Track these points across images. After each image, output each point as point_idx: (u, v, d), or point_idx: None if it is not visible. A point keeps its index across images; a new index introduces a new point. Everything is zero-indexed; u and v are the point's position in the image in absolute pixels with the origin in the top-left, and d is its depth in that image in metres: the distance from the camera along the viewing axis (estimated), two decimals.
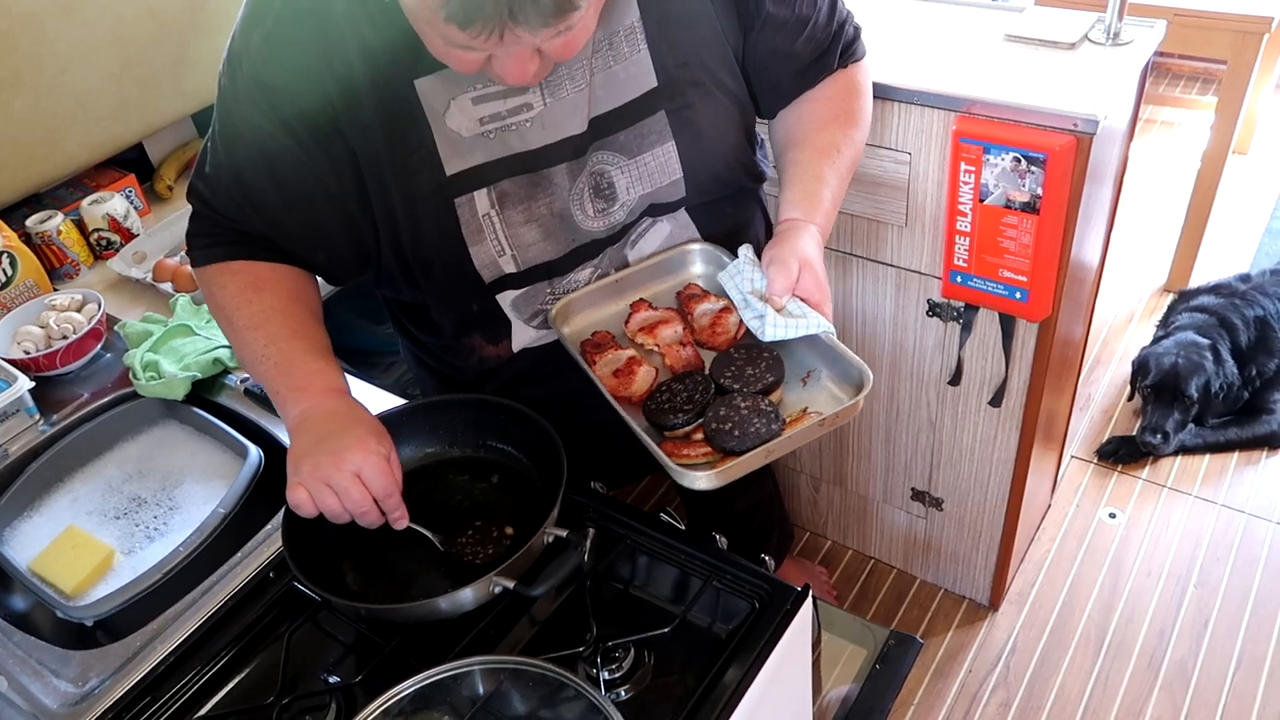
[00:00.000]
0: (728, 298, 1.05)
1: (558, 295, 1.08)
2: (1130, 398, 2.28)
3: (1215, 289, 2.32)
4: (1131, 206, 2.93)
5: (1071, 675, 1.77)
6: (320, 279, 1.07)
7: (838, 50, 1.11)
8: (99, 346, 1.34)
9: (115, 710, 0.88)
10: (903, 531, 1.90)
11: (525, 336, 1.10)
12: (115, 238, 1.59)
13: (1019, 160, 1.29)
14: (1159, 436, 2.11)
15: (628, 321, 1.06)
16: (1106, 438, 2.22)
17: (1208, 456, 2.18)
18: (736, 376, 0.97)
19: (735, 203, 1.13)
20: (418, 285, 1.06)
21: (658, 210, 1.07)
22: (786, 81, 1.10)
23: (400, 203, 0.98)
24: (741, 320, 1.02)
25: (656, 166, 1.03)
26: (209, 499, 1.12)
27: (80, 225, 1.58)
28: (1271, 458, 2.16)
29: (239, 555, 1.01)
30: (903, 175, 1.43)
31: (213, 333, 1.30)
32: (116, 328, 1.34)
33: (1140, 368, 2.20)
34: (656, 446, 0.91)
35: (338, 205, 0.98)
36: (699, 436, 0.94)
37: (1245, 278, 2.32)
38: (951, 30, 1.49)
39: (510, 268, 1.03)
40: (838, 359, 0.97)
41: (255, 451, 1.12)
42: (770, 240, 1.03)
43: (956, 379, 1.59)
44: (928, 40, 1.47)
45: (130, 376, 1.24)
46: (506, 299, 1.07)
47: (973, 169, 1.33)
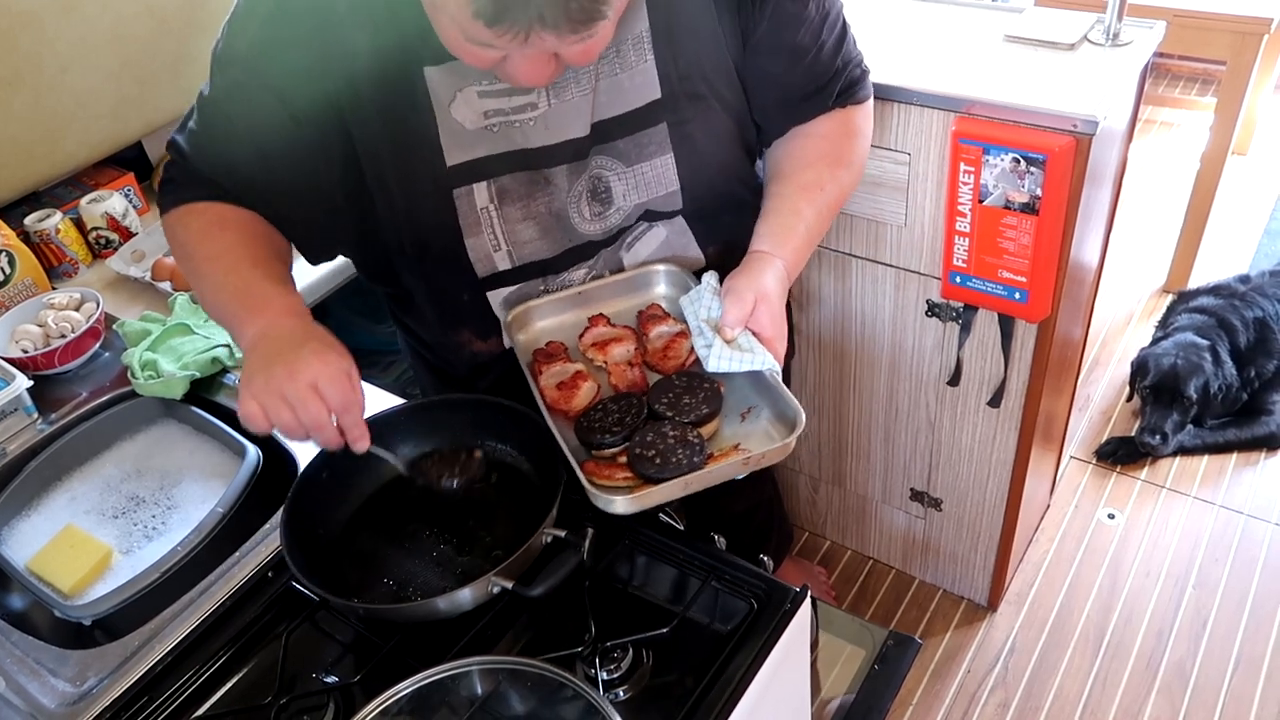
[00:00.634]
0: (686, 323, 1.05)
1: (552, 291, 1.07)
2: (1129, 398, 2.29)
3: (1214, 290, 2.32)
4: (1131, 207, 2.94)
5: (1070, 676, 1.77)
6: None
7: (836, 88, 1.09)
8: (97, 345, 1.33)
9: (113, 710, 0.88)
10: (901, 532, 1.90)
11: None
12: (114, 236, 1.59)
13: (1018, 161, 1.29)
14: (1158, 437, 2.11)
15: (582, 335, 1.06)
16: (1105, 438, 2.23)
17: (1206, 457, 2.18)
18: (672, 404, 0.96)
19: (734, 213, 1.13)
20: (409, 273, 1.05)
21: (654, 216, 1.07)
22: (773, 110, 1.09)
23: (398, 189, 0.98)
24: (694, 348, 1.02)
25: (654, 176, 1.03)
26: (207, 498, 1.12)
27: (79, 224, 1.58)
28: (1270, 459, 2.16)
29: (237, 555, 1.01)
30: (902, 175, 1.43)
31: (211, 331, 1.30)
32: (115, 326, 1.34)
33: (1139, 368, 2.20)
34: (577, 465, 0.91)
35: (321, 185, 0.98)
36: (625, 459, 0.94)
37: (1244, 279, 2.32)
38: (951, 31, 1.49)
39: (504, 264, 1.03)
40: (778, 399, 0.96)
41: (253, 451, 1.12)
42: (734, 270, 1.02)
43: (955, 379, 1.59)
44: (927, 41, 1.47)
45: (128, 375, 1.24)
46: (497, 297, 1.07)
47: (972, 169, 1.33)
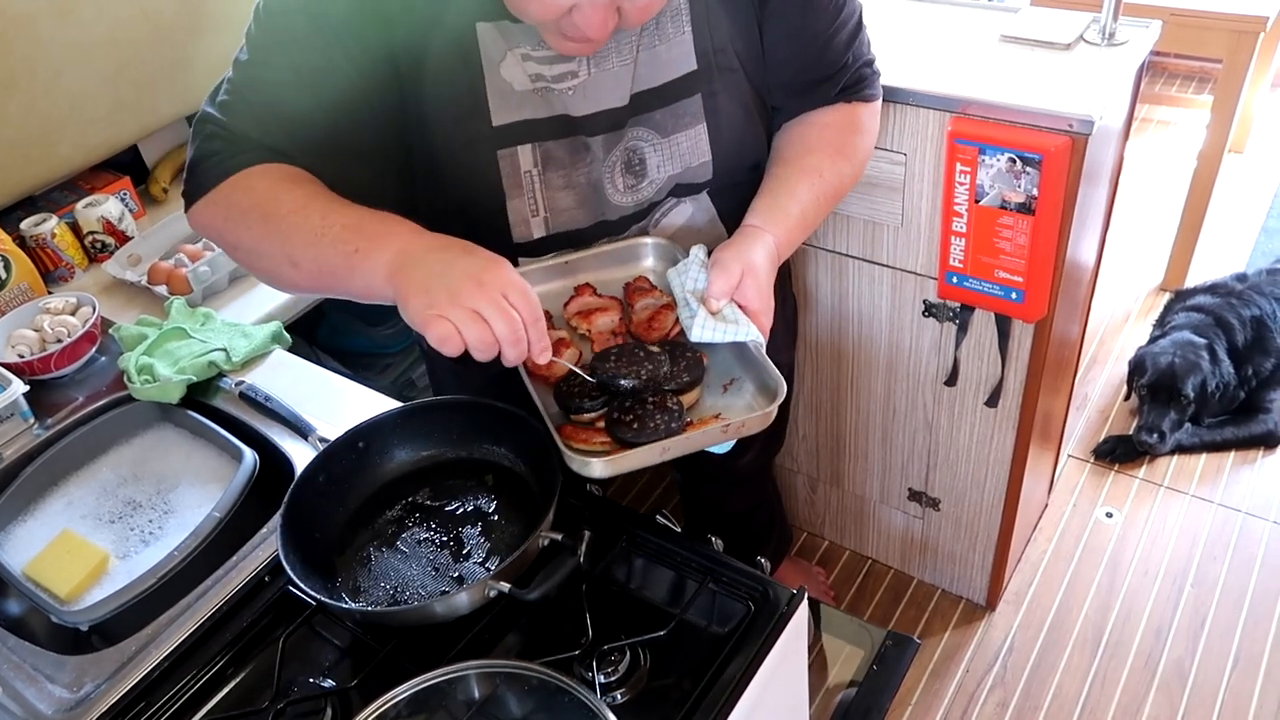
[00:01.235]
0: (673, 295, 1.04)
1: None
2: (1127, 397, 2.29)
3: (1212, 289, 2.32)
4: (1128, 206, 2.94)
5: (1069, 675, 1.77)
6: None
7: (843, 81, 1.10)
8: (93, 350, 1.33)
9: (110, 715, 0.88)
10: (900, 532, 1.90)
11: None
12: (110, 240, 1.59)
13: (1014, 161, 1.29)
14: (1155, 436, 2.12)
15: (567, 304, 1.05)
16: (1103, 437, 2.23)
17: (1204, 456, 2.18)
18: (651, 373, 0.96)
19: (755, 190, 1.13)
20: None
21: (683, 191, 1.08)
22: (779, 92, 1.10)
23: (443, 147, 0.96)
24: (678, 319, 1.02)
25: (688, 147, 1.04)
26: (204, 503, 1.12)
27: (75, 228, 1.58)
28: (1268, 457, 2.17)
29: (234, 559, 1.01)
30: (898, 176, 1.43)
31: (208, 335, 1.30)
32: (111, 331, 1.33)
33: (1137, 367, 2.20)
34: (555, 430, 0.90)
35: (374, 141, 0.95)
36: (603, 425, 0.93)
37: (1242, 277, 2.32)
38: (947, 31, 1.49)
39: (539, 231, 1.03)
40: (761, 371, 0.96)
41: (250, 455, 1.12)
42: (723, 243, 1.02)
43: (953, 379, 1.59)
44: (923, 41, 1.47)
45: (125, 380, 1.23)
46: (525, 263, 1.06)
47: (968, 170, 1.33)
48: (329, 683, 0.90)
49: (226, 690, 0.91)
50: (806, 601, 0.93)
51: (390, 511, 1.01)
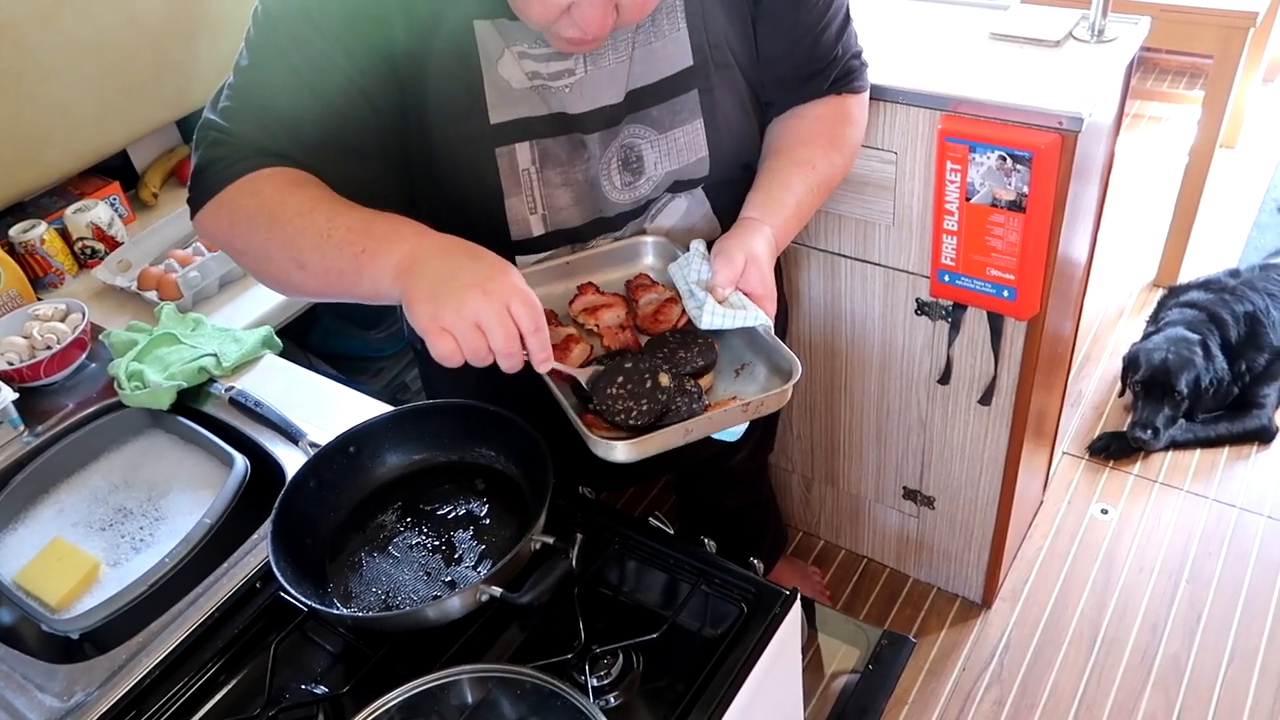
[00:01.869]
0: (676, 290, 1.05)
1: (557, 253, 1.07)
2: (1121, 393, 2.29)
3: (1205, 284, 2.32)
4: (1120, 202, 2.94)
5: (1065, 672, 1.77)
6: None
7: (834, 74, 1.11)
8: (83, 356, 1.32)
9: None
10: (895, 530, 1.90)
11: None
12: (100, 246, 1.58)
13: (1005, 159, 1.29)
14: (1149, 432, 2.12)
15: (572, 303, 1.06)
16: (1097, 434, 2.23)
17: (1198, 451, 2.18)
18: (668, 358, 0.98)
19: (748, 185, 1.14)
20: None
21: (680, 187, 1.08)
22: (771, 88, 1.11)
23: (441, 145, 0.97)
24: (685, 311, 1.03)
25: (685, 143, 1.04)
26: (195, 509, 1.11)
27: (64, 234, 1.57)
28: (1262, 452, 2.17)
29: (225, 565, 1.00)
30: (889, 175, 1.43)
31: (198, 341, 1.29)
32: (101, 337, 1.33)
33: (1130, 363, 2.20)
34: (578, 417, 0.90)
35: (375, 142, 0.95)
36: None
37: (1235, 273, 2.33)
38: (936, 29, 1.49)
39: (538, 229, 1.03)
40: (773, 353, 0.97)
41: (241, 461, 1.11)
42: (723, 235, 1.04)
43: (946, 378, 1.59)
44: (913, 39, 1.47)
45: (115, 386, 1.23)
46: (524, 263, 1.06)
47: (959, 168, 1.33)
48: (321, 689, 0.90)
49: (218, 698, 0.90)
50: (800, 601, 0.93)
51: (382, 516, 1.01)
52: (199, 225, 0.96)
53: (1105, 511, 2.07)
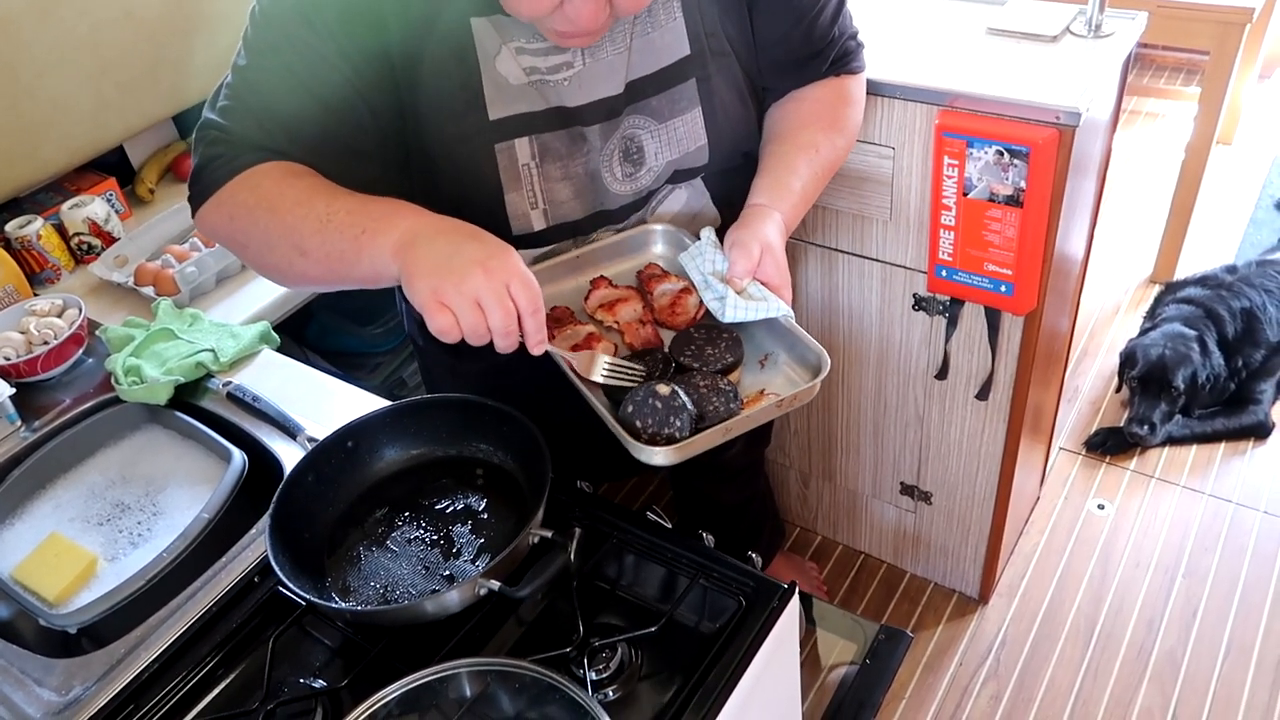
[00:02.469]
0: (688, 279, 1.05)
1: (560, 248, 1.07)
2: (1118, 389, 2.29)
3: (1202, 280, 2.33)
4: (1117, 198, 2.95)
5: (1061, 667, 1.78)
6: None
7: (832, 55, 1.12)
8: (80, 352, 1.32)
9: (99, 718, 0.87)
10: (892, 526, 1.90)
11: None
12: (96, 242, 1.58)
13: (1002, 154, 1.29)
14: (1146, 427, 2.12)
15: (587, 298, 1.05)
16: (1094, 429, 2.23)
17: (1195, 447, 2.19)
18: (696, 355, 0.97)
19: (747, 174, 1.14)
20: None
21: (680, 177, 1.09)
22: (770, 71, 1.11)
23: (440, 143, 0.98)
24: (701, 301, 1.03)
25: (685, 133, 1.05)
26: (193, 504, 1.11)
27: (60, 229, 1.57)
28: (1258, 447, 2.17)
29: (223, 560, 1.00)
30: (886, 170, 1.43)
31: (195, 336, 1.29)
32: (98, 332, 1.33)
33: (1127, 359, 2.21)
34: (614, 420, 0.90)
35: (373, 141, 0.96)
36: None
37: (1232, 269, 2.33)
38: (934, 24, 1.49)
39: (539, 223, 1.04)
40: (796, 342, 0.98)
41: (239, 456, 1.11)
42: (734, 224, 1.04)
43: (943, 373, 1.60)
44: (910, 34, 1.47)
45: (112, 381, 1.23)
46: (527, 257, 1.06)
47: (956, 163, 1.33)
48: (320, 683, 0.90)
49: (216, 692, 0.91)
50: (798, 596, 0.93)
51: (380, 510, 1.01)
52: (200, 222, 0.96)
53: (1101, 507, 2.07)
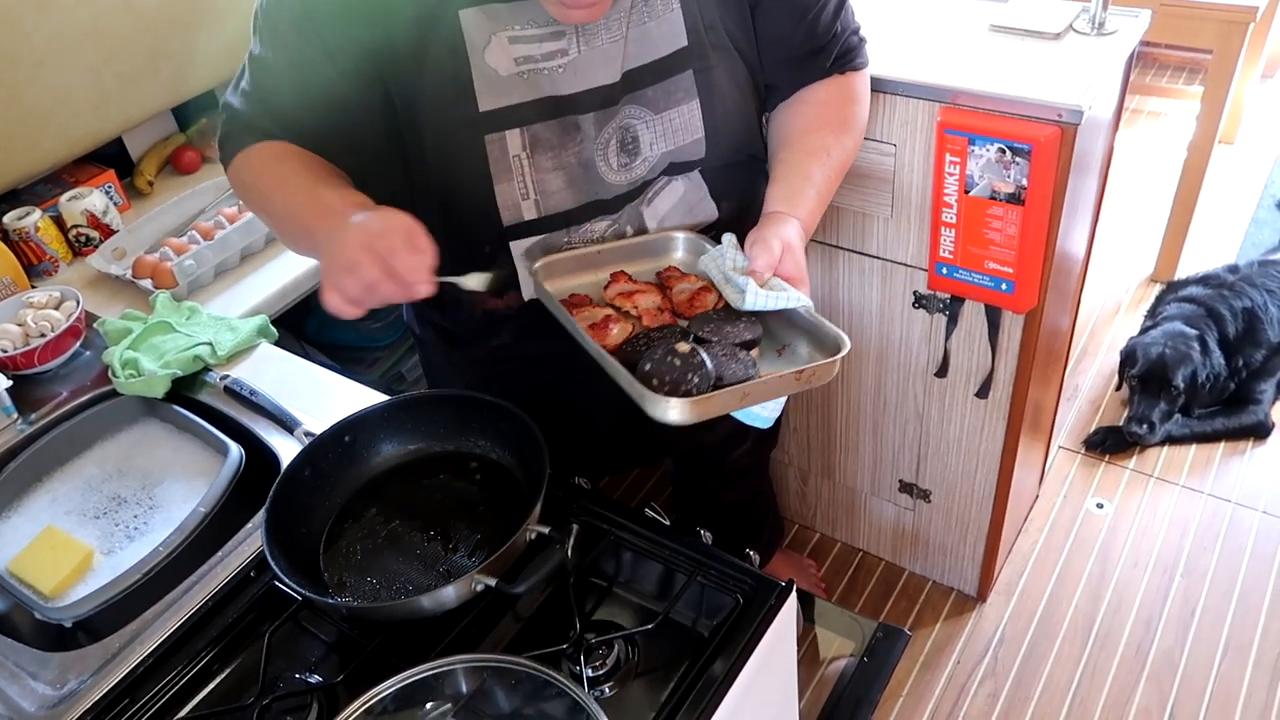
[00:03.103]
0: (708, 279, 1.06)
1: (574, 244, 1.07)
2: (1118, 387, 2.29)
3: (1204, 280, 2.32)
4: (1118, 197, 2.94)
5: (1059, 665, 1.77)
6: None
7: (835, 51, 1.12)
8: (77, 344, 1.32)
9: (94, 712, 0.87)
10: (891, 523, 1.90)
11: (532, 286, 1.08)
12: (94, 234, 1.58)
13: (1004, 151, 1.28)
14: (1145, 426, 2.12)
15: (606, 288, 1.06)
16: (1093, 428, 2.23)
17: (1194, 446, 2.19)
18: (715, 331, 0.98)
19: (746, 170, 1.15)
20: (430, 223, 0.98)
21: (676, 169, 1.08)
22: (774, 69, 1.11)
23: (430, 135, 0.99)
24: (720, 298, 1.03)
25: (681, 124, 1.05)
26: (190, 498, 1.11)
27: (59, 221, 1.57)
28: (1257, 447, 2.17)
29: (220, 554, 1.00)
30: (888, 167, 1.43)
31: (193, 329, 1.28)
32: (95, 325, 1.32)
33: (1127, 358, 2.20)
34: (631, 376, 0.89)
35: (366, 136, 1.00)
36: None
37: (1234, 269, 2.32)
38: (936, 21, 1.48)
39: (531, 213, 1.04)
40: (814, 329, 0.99)
41: (236, 449, 1.11)
42: (754, 227, 1.05)
43: (943, 371, 1.59)
44: (913, 31, 1.46)
45: (109, 374, 1.22)
46: (519, 247, 1.06)
47: (958, 160, 1.32)
48: (315, 678, 0.89)
49: (211, 686, 0.90)
50: (797, 594, 0.93)
51: (377, 506, 1.01)
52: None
53: (1100, 506, 2.07)
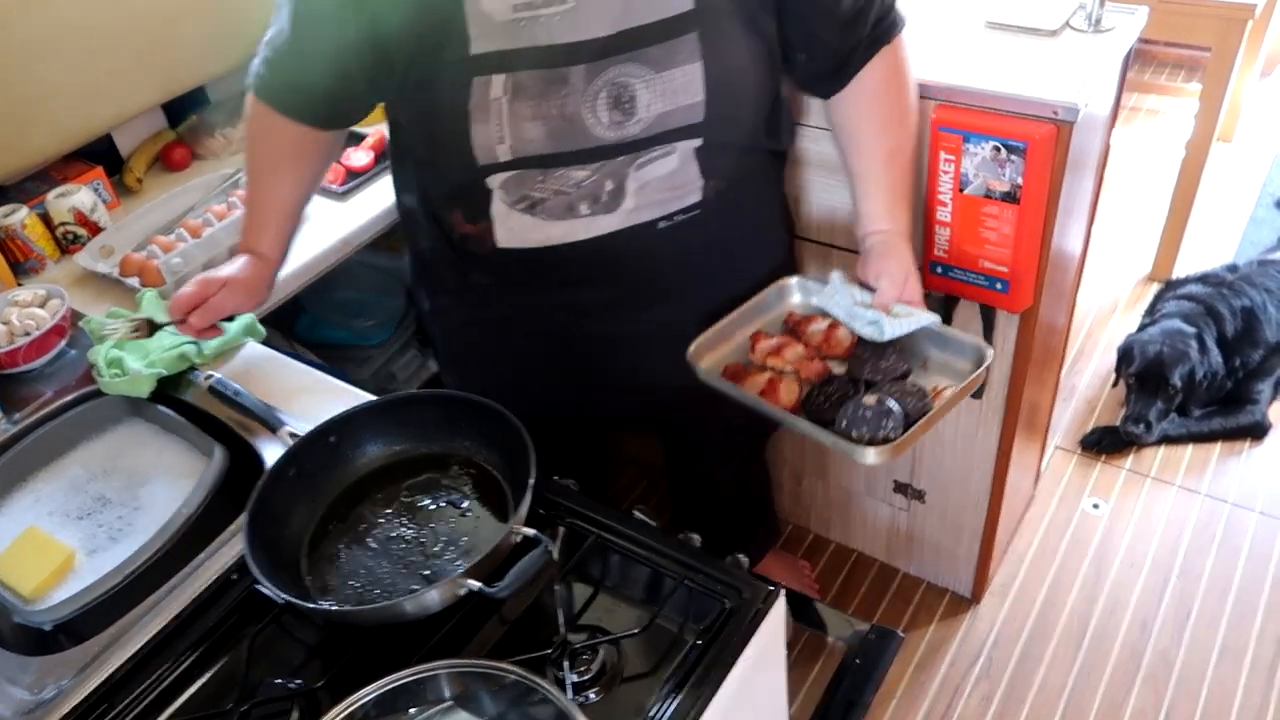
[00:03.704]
0: (832, 316, 1.19)
1: (548, 185, 1.08)
2: (1115, 384, 2.28)
3: (1203, 278, 2.31)
4: (1116, 195, 2.93)
5: (1054, 667, 1.76)
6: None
7: (870, 19, 1.13)
8: (63, 343, 1.31)
9: (72, 718, 0.86)
10: (885, 524, 1.89)
11: (507, 222, 1.11)
12: (82, 232, 1.56)
13: (999, 149, 1.27)
14: (1142, 426, 2.11)
15: (752, 350, 1.18)
16: (1090, 428, 2.22)
17: (1191, 446, 2.18)
18: (874, 370, 1.12)
19: (743, 152, 1.16)
20: (412, 145, 1.15)
21: (670, 137, 1.07)
22: (817, 43, 1.13)
23: (418, 72, 1.02)
24: (851, 332, 1.17)
25: (681, 85, 1.03)
26: (175, 499, 1.09)
27: (46, 219, 1.55)
28: (1255, 448, 2.16)
29: (202, 556, 0.99)
30: None
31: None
32: (81, 323, 1.31)
33: (1125, 355, 2.19)
34: (831, 434, 1.05)
35: (349, 58, 1.05)
36: None
37: (1233, 268, 2.31)
38: (932, 17, 1.47)
39: (505, 156, 1.05)
40: (949, 342, 1.16)
41: (220, 451, 1.10)
42: (871, 254, 1.17)
43: None
44: (908, 27, 1.44)
45: (94, 374, 1.21)
46: (495, 180, 1.08)
47: (952, 158, 1.31)
48: (297, 683, 0.88)
49: (192, 691, 0.89)
50: (792, 596, 0.92)
51: (361, 507, 1.00)
52: None
53: (1097, 506, 2.06)
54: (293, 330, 1.68)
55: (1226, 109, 2.52)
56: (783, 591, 0.90)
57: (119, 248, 1.51)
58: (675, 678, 0.85)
